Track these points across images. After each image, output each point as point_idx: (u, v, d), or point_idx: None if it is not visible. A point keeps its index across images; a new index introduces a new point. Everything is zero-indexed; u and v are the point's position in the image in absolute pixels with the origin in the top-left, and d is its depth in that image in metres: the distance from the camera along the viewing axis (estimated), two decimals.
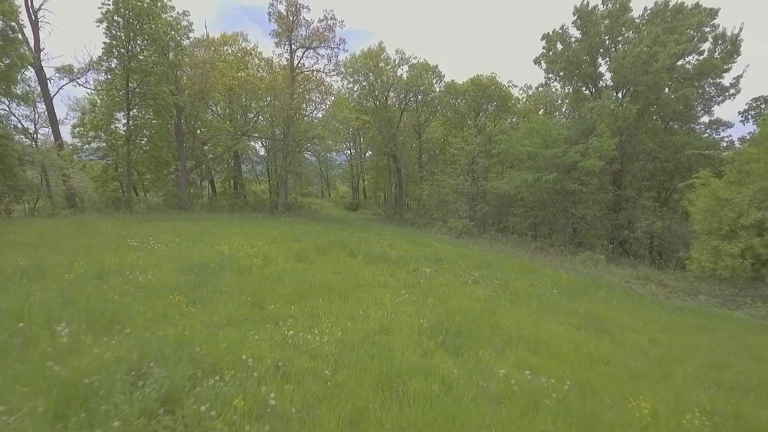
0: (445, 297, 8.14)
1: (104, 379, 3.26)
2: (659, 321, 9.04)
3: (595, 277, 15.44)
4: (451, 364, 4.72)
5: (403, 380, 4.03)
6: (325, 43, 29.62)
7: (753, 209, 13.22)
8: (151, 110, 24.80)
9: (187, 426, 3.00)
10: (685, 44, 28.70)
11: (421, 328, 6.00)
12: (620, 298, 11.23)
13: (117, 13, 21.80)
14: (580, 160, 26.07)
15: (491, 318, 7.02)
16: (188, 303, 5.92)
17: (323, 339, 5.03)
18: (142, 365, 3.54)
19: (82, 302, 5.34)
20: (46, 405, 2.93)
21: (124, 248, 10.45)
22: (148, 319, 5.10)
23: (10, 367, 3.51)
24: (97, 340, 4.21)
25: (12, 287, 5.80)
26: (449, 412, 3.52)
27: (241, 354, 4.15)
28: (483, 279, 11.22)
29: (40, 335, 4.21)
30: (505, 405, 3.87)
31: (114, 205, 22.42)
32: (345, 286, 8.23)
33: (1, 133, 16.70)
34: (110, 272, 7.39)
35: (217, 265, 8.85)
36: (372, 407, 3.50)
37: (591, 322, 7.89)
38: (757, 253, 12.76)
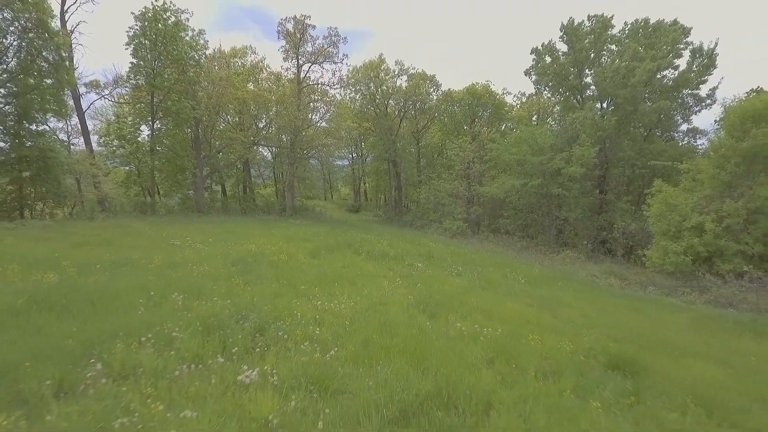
0: (430, 284, 10.57)
1: (221, 320, 5.71)
2: (600, 304, 11.47)
3: (566, 272, 17.88)
4: (427, 322, 7.14)
5: (394, 327, 6.42)
6: (330, 58, 32.12)
7: (695, 214, 15.66)
8: (171, 121, 27.29)
9: (271, 343, 5.42)
10: (661, 60, 31.10)
11: (409, 302, 8.42)
12: (577, 287, 13.67)
13: (144, 36, 24.30)
14: (564, 166, 28.49)
15: (462, 298, 9.42)
16: (244, 284, 8.35)
17: (341, 306, 7.46)
18: (240, 313, 5.99)
19: (175, 283, 7.77)
20: (197, 328, 5.37)
21: (172, 247, 12.89)
22: (222, 293, 7.52)
23: (164, 312, 5.95)
24: (200, 304, 6.64)
25: (123, 273, 8.24)
26: (421, 342, 5.92)
27: (292, 311, 6.59)
28: (465, 272, 13.64)
29: (164, 301, 6.63)
30: (455, 340, 6.29)
31: (140, 209, 24.89)
32: (352, 275, 10.63)
33: (49, 147, 19.13)
34: (177, 264, 9.81)
35: (252, 259, 11.28)
36: (375, 338, 5.90)
37: (541, 302, 10.32)
38: (696, 251, 15.18)
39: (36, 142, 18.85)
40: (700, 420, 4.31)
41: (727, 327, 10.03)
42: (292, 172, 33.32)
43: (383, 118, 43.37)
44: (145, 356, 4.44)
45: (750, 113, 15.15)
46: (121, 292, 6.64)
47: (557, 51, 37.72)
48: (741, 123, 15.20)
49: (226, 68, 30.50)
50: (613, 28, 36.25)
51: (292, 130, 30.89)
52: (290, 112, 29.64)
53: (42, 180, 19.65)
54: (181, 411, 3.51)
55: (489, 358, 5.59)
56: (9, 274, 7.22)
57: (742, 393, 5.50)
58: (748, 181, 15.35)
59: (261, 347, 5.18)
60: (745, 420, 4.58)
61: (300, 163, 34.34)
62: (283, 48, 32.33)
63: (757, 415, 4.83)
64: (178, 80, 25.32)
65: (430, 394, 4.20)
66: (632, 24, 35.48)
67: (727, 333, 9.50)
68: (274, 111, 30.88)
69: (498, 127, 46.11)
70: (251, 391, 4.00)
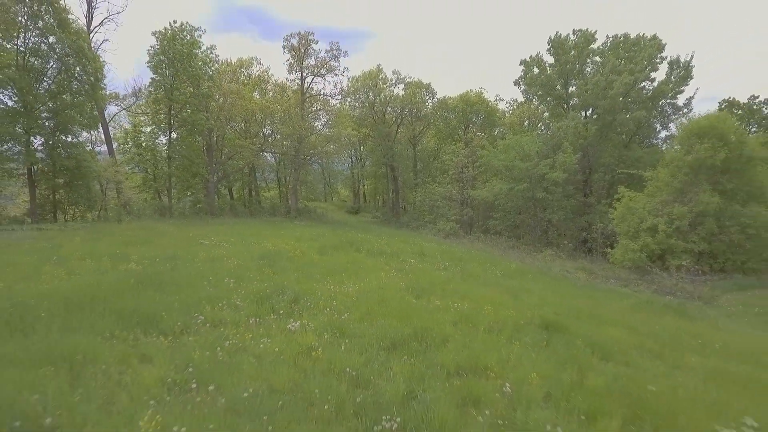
0: (419, 275, 12.97)
1: (266, 294, 8.12)
2: (560, 292, 13.90)
3: (542, 268, 20.32)
4: (413, 300, 9.55)
5: (388, 302, 8.81)
6: (332, 71, 34.58)
7: (651, 217, 18.14)
8: (185, 131, 29.67)
9: (303, 309, 7.81)
10: (638, 73, 33.65)
11: (401, 287, 10.82)
12: (546, 280, 16.12)
13: (163, 54, 26.70)
14: (548, 172, 30.98)
15: (444, 285, 11.82)
16: (272, 273, 10.74)
17: (348, 289, 9.85)
18: (278, 291, 8.41)
19: (221, 271, 10.17)
20: (252, 299, 7.78)
21: (202, 246, 15.25)
22: (259, 279, 9.91)
23: (223, 290, 8.35)
24: (246, 285, 9.03)
25: (180, 265, 10.64)
26: (407, 310, 8.30)
27: (314, 291, 9.00)
28: (451, 267, 16.03)
29: (219, 283, 9.02)
30: (432, 311, 8.69)
31: (159, 212, 27.27)
32: (355, 268, 13.01)
33: (83, 156, 21.50)
34: (216, 259, 12.20)
35: (273, 255, 13.67)
36: (374, 308, 8.28)
37: (509, 290, 12.73)
38: (651, 249, 17.66)
39: (71, 153, 21.21)
40: (580, 352, 6.70)
41: (656, 309, 12.49)
42: (296, 176, 35.76)
43: (381, 124, 45.82)
44: (226, 314, 6.86)
45: (696, 131, 17.65)
46: (188, 277, 9.05)
47: (545, 63, 40.27)
48: (689, 139, 17.69)
49: (236, 81, 32.90)
50: (596, 41, 38.85)
51: (297, 138, 33.30)
52: (295, 122, 32.06)
53: (76, 186, 22.02)
54: (260, 339, 5.92)
55: (454, 321, 8.00)
56: (103, 264, 9.63)
57: (630, 344, 7.92)
58: (696, 188, 17.84)
59: (297, 311, 7.60)
60: (616, 355, 6.99)
61: (303, 167, 36.77)
62: (288, 61, 34.81)
63: (630, 353, 7.25)
64: (193, 94, 27.72)
65: (410, 336, 6.61)
66: (613, 38, 38.06)
67: (654, 313, 11.95)
68: (278, 119, 33.29)
69: (491, 132, 48.54)
70: (297, 333, 6.40)
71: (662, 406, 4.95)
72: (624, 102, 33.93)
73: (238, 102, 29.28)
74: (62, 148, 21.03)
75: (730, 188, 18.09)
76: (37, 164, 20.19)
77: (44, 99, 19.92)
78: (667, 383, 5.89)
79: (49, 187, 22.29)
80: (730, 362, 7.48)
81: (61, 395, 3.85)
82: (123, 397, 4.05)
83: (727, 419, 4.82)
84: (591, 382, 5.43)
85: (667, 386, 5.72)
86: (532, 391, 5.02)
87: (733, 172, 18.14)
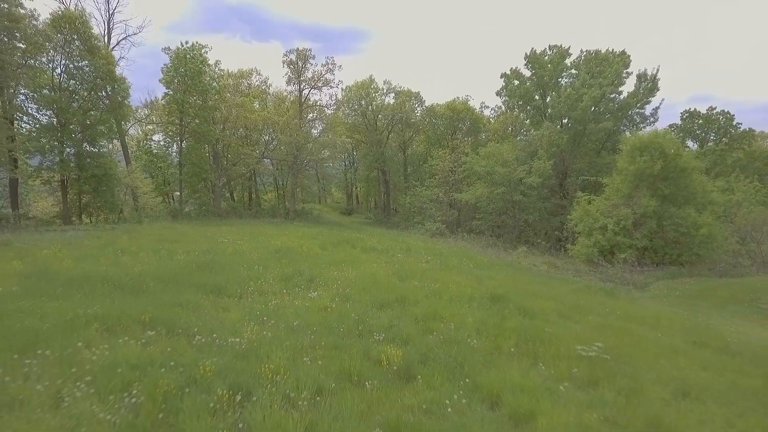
0: (404, 266, 16.00)
1: (290, 275, 11.15)
2: (520, 279, 17.03)
3: (512, 262, 23.50)
4: (398, 282, 12.60)
5: (379, 282, 11.85)
6: (327, 84, 37.65)
7: (602, 218, 21.40)
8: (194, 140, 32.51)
9: (317, 285, 10.83)
10: (606, 87, 37.05)
11: (389, 274, 13.86)
12: (511, 270, 19.26)
13: (175, 71, 29.55)
14: (524, 176, 34.23)
15: (423, 273, 14.86)
16: (288, 263, 13.74)
17: (348, 274, 12.88)
18: (298, 273, 11.45)
19: (249, 261, 13.14)
20: (280, 278, 10.80)
21: (224, 243, 18.17)
22: (279, 266, 12.88)
23: (256, 274, 11.35)
24: (272, 270, 12.02)
25: (216, 257, 13.60)
26: (393, 287, 11.35)
27: (323, 275, 12.03)
28: (432, 260, 19.10)
29: (251, 269, 12.00)
30: (411, 288, 11.75)
31: (172, 215, 30.09)
32: (352, 261, 16.00)
33: (108, 166, 24.31)
34: (240, 253, 15.17)
35: (284, 250, 16.66)
36: (369, 286, 11.30)
37: (477, 277, 15.81)
38: (601, 245, 20.91)
39: (99, 162, 24.02)
40: (509, 312, 9.78)
41: (593, 291, 15.69)
42: (294, 181, 38.73)
43: (373, 131, 48.90)
44: (266, 286, 9.89)
45: (638, 145, 20.95)
46: (229, 265, 12.05)
47: (523, 76, 43.62)
48: (632, 152, 21.00)
49: (239, 92, 35.82)
50: (570, 56, 42.32)
51: (296, 146, 36.26)
52: (294, 131, 35.03)
53: (101, 192, 24.82)
54: (293, 300, 8.95)
55: (426, 294, 11.07)
56: (161, 255, 12.60)
57: (551, 310, 11.03)
58: (639, 193, 21.14)
59: (313, 286, 10.64)
60: (538, 315, 10.10)
61: (301, 172, 39.75)
62: (287, 75, 37.80)
63: (549, 315, 10.36)
64: (202, 107, 30.60)
65: (393, 300, 9.67)
66: (586, 53, 41.54)
67: (590, 294, 15.13)
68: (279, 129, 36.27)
69: (477, 138, 51.73)
70: (315, 299, 9.43)
71: (548, 337, 8.05)
72: (594, 113, 37.38)
73: (243, 114, 32.23)
74: (91, 158, 23.82)
75: (668, 193, 21.37)
76: (70, 173, 22.97)
77: (78, 115, 22.73)
78: (561, 328, 9.02)
79: (76, 193, 25.06)
80: (617, 321, 10.65)
81: (192, 319, 6.87)
82: (226, 321, 7.08)
83: (587, 344, 7.92)
84: (507, 325, 8.53)
85: (559, 329, 8.84)
86: (468, 327, 8.10)
87: (670, 179, 21.45)
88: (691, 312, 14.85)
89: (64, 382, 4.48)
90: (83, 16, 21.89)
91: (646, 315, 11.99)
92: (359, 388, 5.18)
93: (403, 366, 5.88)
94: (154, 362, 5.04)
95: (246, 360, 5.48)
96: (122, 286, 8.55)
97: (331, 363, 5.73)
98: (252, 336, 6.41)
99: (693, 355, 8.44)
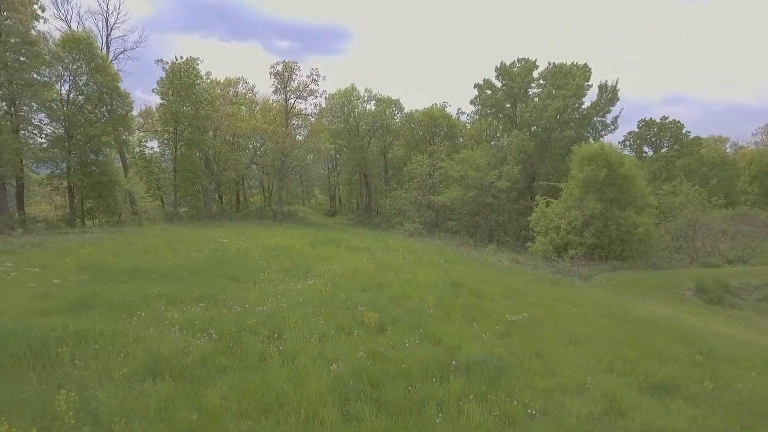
0: (384, 261, 18.73)
1: (289, 268, 13.78)
2: (482, 271, 19.92)
3: (479, 258, 26.46)
4: (378, 273, 15.32)
5: (363, 273, 14.54)
6: (312, 95, 40.23)
7: (556, 218, 24.54)
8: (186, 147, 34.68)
9: (312, 276, 13.47)
10: (568, 99, 40.45)
11: (371, 267, 16.55)
12: (476, 265, 22.18)
13: (170, 84, 31.71)
14: (495, 180, 37.35)
15: (400, 267, 17.60)
16: (284, 258, 16.32)
17: (336, 267, 15.53)
18: (295, 266, 14.09)
19: (253, 257, 15.68)
20: (282, 270, 13.44)
21: (224, 243, 20.58)
22: (278, 261, 15.45)
23: (260, 267, 13.94)
24: (273, 264, 14.61)
25: (223, 254, 16.10)
26: (374, 277, 14.05)
27: (315, 267, 14.68)
28: (408, 257, 21.84)
29: (256, 263, 14.57)
30: (389, 278, 14.49)
31: (167, 218, 32.22)
32: (339, 257, 18.65)
33: (112, 173, 26.42)
34: (243, 251, 17.66)
35: (279, 248, 19.20)
36: (353, 276, 13.97)
37: (445, 270, 18.63)
38: (555, 243, 24.04)
39: (104, 170, 26.12)
40: (463, 293, 12.59)
41: (541, 281, 18.71)
42: (281, 185, 41.13)
43: (355, 137, 51.57)
44: (272, 276, 12.50)
45: (586, 155, 24.18)
46: (238, 260, 14.59)
47: (495, 86, 46.84)
48: (581, 161, 24.20)
49: (228, 102, 38.10)
50: (537, 68, 45.71)
51: (282, 152, 38.70)
52: (281, 139, 37.47)
53: (105, 197, 26.91)
54: (295, 286, 11.60)
55: (399, 282, 13.81)
56: (180, 252, 15.06)
57: (499, 293, 13.90)
58: (587, 197, 24.37)
59: (308, 276, 13.28)
60: (486, 296, 12.93)
61: (287, 177, 42.17)
62: (274, 85, 40.23)
63: (495, 296, 13.21)
64: (194, 117, 32.80)
65: (373, 286, 12.38)
66: (552, 66, 44.94)
67: (538, 283, 18.12)
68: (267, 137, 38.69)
69: (454, 143, 54.81)
70: (312, 285, 12.08)
71: (487, 310, 10.88)
72: (558, 122, 40.80)
73: (234, 123, 34.56)
74: (96, 166, 25.91)
75: (612, 197, 24.64)
76: (77, 180, 25.04)
77: (85, 126, 24.82)
78: (500, 305, 11.88)
79: (79, 198, 27.08)
80: (548, 301, 13.59)
81: (227, 296, 9.49)
82: (250, 298, 9.71)
83: (515, 314, 10.75)
84: (458, 302, 11.34)
85: (498, 305, 11.70)
86: (428, 303, 10.86)
87: (614, 185, 24.72)
88: (620, 296, 18.04)
89: (163, 329, 7.07)
90: (89, 38, 24.01)
91: (575, 297, 15.02)
92: (349, 335, 7.89)
93: (378, 324, 8.62)
94: (214, 319, 7.67)
95: (273, 318, 8.14)
96: (164, 275, 11.08)
97: (329, 321, 8.43)
98: (272, 306, 9.07)
99: (595, 322, 11.39)
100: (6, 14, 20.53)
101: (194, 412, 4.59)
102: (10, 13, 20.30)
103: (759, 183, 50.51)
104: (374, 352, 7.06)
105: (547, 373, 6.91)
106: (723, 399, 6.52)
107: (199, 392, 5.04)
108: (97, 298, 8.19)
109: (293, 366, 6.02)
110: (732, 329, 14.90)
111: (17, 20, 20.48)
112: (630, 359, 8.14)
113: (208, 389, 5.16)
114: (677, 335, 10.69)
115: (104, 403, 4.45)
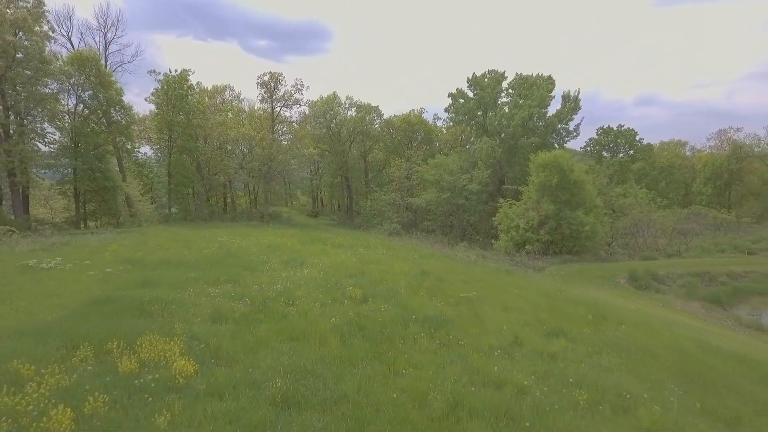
0: (365, 256, 21.75)
1: (287, 260, 16.71)
2: (450, 264, 23.11)
3: (449, 254, 29.71)
4: (361, 266, 18.34)
5: (348, 266, 17.51)
6: (297, 103, 43.04)
7: (516, 218, 27.99)
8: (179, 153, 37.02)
9: (306, 266, 16.41)
10: (533, 108, 44.15)
11: (354, 261, 19.54)
12: (445, 259, 25.40)
13: (165, 95, 34.08)
14: (467, 184, 40.76)
15: (379, 260, 20.64)
16: (280, 253, 19.17)
17: (324, 261, 18.50)
18: (292, 259, 17.02)
19: (253, 252, 18.50)
20: (281, 262, 16.36)
21: (222, 242, 23.26)
22: (276, 255, 18.31)
23: (262, 259, 16.83)
24: (273, 257, 17.47)
25: (228, 250, 18.87)
26: (357, 268, 17.05)
27: (308, 260, 17.62)
28: (387, 253, 24.90)
29: (258, 256, 17.41)
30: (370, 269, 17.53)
31: (163, 220, 34.57)
32: (325, 253, 21.60)
33: (115, 179, 28.74)
34: (243, 248, 20.42)
35: (273, 245, 22.01)
36: (340, 268, 16.94)
37: (417, 263, 21.75)
38: (515, 240, 27.48)
39: (106, 175, 28.43)
40: (428, 279, 15.71)
41: (499, 272, 22.03)
42: (267, 188, 43.77)
43: (337, 142, 54.47)
44: (275, 266, 15.41)
45: (541, 162, 27.72)
46: (243, 254, 17.41)
47: (467, 95, 50.37)
48: (537, 168, 27.73)
49: (218, 110, 40.60)
50: (506, 79, 49.39)
51: (268, 157, 41.37)
52: (267, 145, 40.14)
53: (107, 201, 29.21)
54: (294, 273, 14.55)
55: (378, 271, 16.85)
56: (192, 249, 17.79)
57: (459, 280, 17.08)
58: (542, 200, 27.91)
59: (303, 267, 16.22)
60: (447, 278, 16.10)
61: (273, 180, 44.82)
62: (260, 94, 42.90)
63: (456, 282, 16.40)
64: (187, 125, 35.24)
65: (357, 274, 15.41)
66: (519, 77, 48.69)
67: (495, 273, 21.43)
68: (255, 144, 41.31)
69: (431, 147, 58.24)
70: (306, 273, 15.03)
71: (446, 290, 14.02)
72: (524, 129, 44.57)
73: (224, 131, 37.11)
74: (100, 172, 28.20)
75: (564, 200, 28.27)
76: (84, 185, 27.30)
77: (91, 136, 27.12)
78: (458, 288, 15.04)
79: (82, 201, 29.31)
80: (498, 285, 16.84)
81: (245, 280, 12.39)
82: (263, 281, 12.64)
83: (467, 292, 13.90)
84: (424, 284, 14.45)
85: (456, 288, 14.87)
86: (400, 285, 13.93)
87: (566, 189, 28.33)
88: (565, 284, 21.50)
89: (210, 298, 9.96)
90: (95, 56, 26.33)
91: (523, 284, 18.36)
92: (341, 304, 10.91)
93: (362, 297, 11.68)
94: (244, 293, 10.61)
95: (285, 293, 11.11)
96: (191, 265, 13.89)
97: (326, 295, 11.46)
98: (282, 286, 12.03)
99: (530, 298, 14.67)
100: (23, 35, 22.82)
101: (253, 338, 7.57)
102: (27, 35, 22.60)
103: (712, 184, 55.50)
104: (360, 313, 10.11)
105: (479, 325, 10.08)
106: (592, 338, 9.81)
107: (252, 329, 8.03)
108: (154, 279, 11.02)
109: (307, 318, 9.05)
110: (647, 308, 18.52)
111: (33, 42, 22.79)
112: (542, 319, 11.40)
113: (256, 329, 8.14)
114: (589, 307, 14.04)
115: (198, 331, 7.40)
